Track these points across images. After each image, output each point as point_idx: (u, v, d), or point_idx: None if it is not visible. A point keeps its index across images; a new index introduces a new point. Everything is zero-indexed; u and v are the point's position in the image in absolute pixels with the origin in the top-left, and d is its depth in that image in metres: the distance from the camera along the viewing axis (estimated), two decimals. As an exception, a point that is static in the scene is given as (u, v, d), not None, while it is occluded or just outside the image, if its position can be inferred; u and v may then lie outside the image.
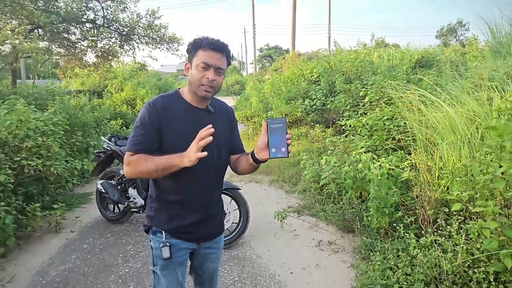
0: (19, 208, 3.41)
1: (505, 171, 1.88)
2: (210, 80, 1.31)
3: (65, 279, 2.71)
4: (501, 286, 1.87)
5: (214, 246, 1.61)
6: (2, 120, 3.59)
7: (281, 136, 1.25)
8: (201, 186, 1.44)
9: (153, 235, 1.47)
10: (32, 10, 7.45)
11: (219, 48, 1.34)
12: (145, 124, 1.33)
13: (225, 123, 1.53)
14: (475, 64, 5.17)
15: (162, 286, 1.47)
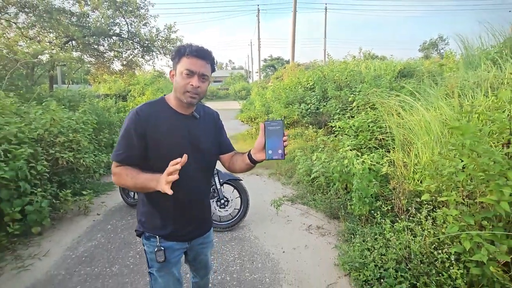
0: (54, 194, 3.49)
1: (466, 165, 1.91)
2: (194, 87, 1.20)
3: (91, 254, 2.78)
4: (461, 265, 1.89)
5: (206, 241, 1.54)
6: (38, 119, 3.67)
7: (278, 139, 1.16)
8: (191, 188, 1.33)
9: (147, 240, 1.36)
10: (67, 25, 7.55)
11: (202, 55, 1.23)
12: (129, 133, 1.21)
13: (211, 127, 1.42)
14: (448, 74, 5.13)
15: (160, 285, 1.39)
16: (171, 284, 1.39)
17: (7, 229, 2.84)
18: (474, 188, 2.00)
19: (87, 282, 2.36)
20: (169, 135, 1.25)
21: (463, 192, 1.95)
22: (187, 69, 1.19)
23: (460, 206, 1.89)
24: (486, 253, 1.67)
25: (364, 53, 9.46)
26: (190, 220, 1.39)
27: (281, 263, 2.58)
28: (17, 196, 2.96)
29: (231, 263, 2.60)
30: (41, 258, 2.71)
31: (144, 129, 1.21)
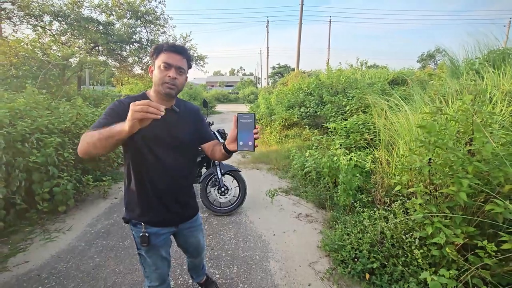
0: (78, 179, 3.68)
1: (433, 160, 1.99)
2: (172, 78, 1.19)
3: (108, 230, 2.94)
4: (425, 248, 1.97)
5: (193, 225, 1.52)
6: (66, 113, 3.87)
7: (249, 131, 1.12)
8: (170, 177, 1.31)
9: (134, 226, 1.35)
10: (94, 32, 7.82)
11: (178, 50, 1.22)
12: (111, 114, 1.16)
13: (191, 120, 1.39)
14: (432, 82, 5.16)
15: (148, 264, 1.39)
16: (158, 263, 1.40)
17: (37, 207, 3.05)
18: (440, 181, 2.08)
19: (103, 252, 2.52)
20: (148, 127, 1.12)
21: (430, 184, 2.04)
22: (164, 62, 1.19)
23: (425, 196, 1.97)
24: (444, 236, 1.76)
25: (361, 62, 9.48)
26: (172, 207, 1.36)
27: (271, 244, 2.69)
28: (47, 179, 3.16)
29: (227, 242, 2.72)
30: (65, 232, 2.89)
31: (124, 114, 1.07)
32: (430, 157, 1.90)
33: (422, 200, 1.93)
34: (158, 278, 1.44)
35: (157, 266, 1.41)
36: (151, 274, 1.43)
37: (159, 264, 1.41)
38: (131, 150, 1.24)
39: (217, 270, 2.28)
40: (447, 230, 1.74)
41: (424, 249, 1.98)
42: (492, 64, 4.65)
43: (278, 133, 7.37)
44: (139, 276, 2.18)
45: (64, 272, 2.24)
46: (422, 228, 2.10)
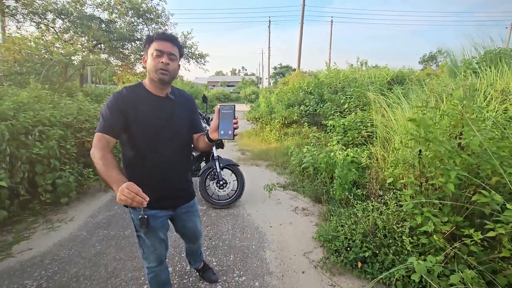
0: (79, 172, 3.76)
1: (423, 153, 2.06)
2: (164, 63, 1.23)
3: (108, 221, 3.02)
4: (415, 237, 2.04)
5: (190, 209, 1.57)
6: (67, 108, 3.96)
7: (229, 121, 1.18)
8: (167, 163, 1.36)
9: (133, 209, 1.39)
10: (96, 30, 7.92)
11: (168, 38, 1.27)
12: (111, 107, 1.22)
13: (186, 108, 1.43)
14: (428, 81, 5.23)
15: (147, 245, 1.45)
16: (157, 244, 1.46)
17: (40, 198, 3.13)
18: (432, 174, 2.15)
19: (104, 241, 2.60)
20: (147, 115, 1.27)
21: (420, 176, 2.10)
22: (156, 50, 1.24)
23: (415, 187, 2.04)
24: (432, 225, 1.83)
25: (361, 62, 9.55)
26: (169, 191, 1.42)
27: (267, 235, 2.77)
28: (49, 171, 3.24)
29: (225, 232, 2.80)
30: (67, 222, 2.97)
31: (125, 107, 1.23)
32: (420, 149, 1.97)
33: (412, 191, 2.00)
34: (156, 259, 1.51)
35: (155, 247, 1.47)
36: (149, 255, 1.50)
37: (157, 246, 1.47)
38: (129, 136, 1.28)
39: (214, 258, 2.35)
40: (435, 218, 1.81)
41: (414, 238, 2.05)
42: (488, 64, 4.71)
43: (278, 131, 7.44)
44: (139, 262, 2.26)
45: (66, 258, 2.32)
46: (413, 218, 2.17)
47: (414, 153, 1.99)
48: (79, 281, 2.04)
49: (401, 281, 1.91)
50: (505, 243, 1.60)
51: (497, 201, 1.64)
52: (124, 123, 1.23)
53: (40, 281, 2.03)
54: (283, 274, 2.16)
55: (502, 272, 1.64)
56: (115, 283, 2.02)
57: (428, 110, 2.12)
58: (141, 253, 1.52)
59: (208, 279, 2.04)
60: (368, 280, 2.06)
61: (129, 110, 1.24)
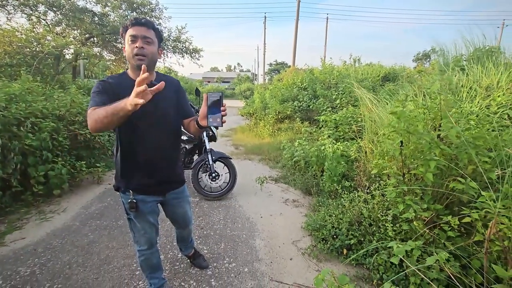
0: (72, 165, 3.77)
1: (405, 144, 2.15)
2: (139, 47, 1.21)
3: (101, 212, 3.06)
4: (398, 225, 2.14)
5: (180, 196, 1.60)
6: (60, 100, 3.96)
7: (217, 109, 1.20)
8: (159, 148, 1.39)
9: (123, 193, 1.43)
10: (89, 23, 7.83)
11: (142, 22, 1.25)
12: (101, 91, 1.23)
13: (172, 93, 1.43)
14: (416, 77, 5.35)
15: (138, 228, 1.49)
16: (147, 227, 1.50)
17: (33, 190, 3.14)
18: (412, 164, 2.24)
19: (97, 231, 2.65)
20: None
21: (403, 166, 2.19)
22: (130, 35, 1.23)
23: (397, 177, 2.13)
24: (413, 212, 1.92)
25: (354, 59, 9.65)
26: (158, 176, 1.43)
27: (258, 225, 2.84)
28: (41, 163, 3.25)
29: (216, 223, 2.86)
30: (59, 213, 3.00)
31: (113, 92, 1.23)
32: (401, 140, 2.06)
33: (395, 180, 2.09)
34: (146, 242, 1.56)
35: (145, 230, 1.51)
36: (140, 238, 1.54)
37: (147, 229, 1.51)
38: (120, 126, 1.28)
39: (205, 247, 2.42)
40: (416, 206, 1.90)
41: (397, 225, 2.14)
42: (476, 61, 4.83)
43: (271, 126, 7.51)
44: (131, 250, 2.31)
45: (59, 247, 2.36)
46: (396, 207, 2.27)
47: (396, 145, 2.08)
48: (72, 268, 2.09)
49: (383, 265, 2.01)
50: (479, 228, 1.69)
51: (473, 188, 1.74)
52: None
53: (33, 268, 2.07)
54: (272, 261, 2.24)
55: (475, 255, 1.74)
56: (107, 269, 2.08)
57: (409, 104, 2.20)
58: (132, 236, 1.57)
59: (198, 265, 2.10)
60: (353, 265, 2.15)
61: (115, 96, 1.20)
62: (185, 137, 3.58)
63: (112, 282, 1.94)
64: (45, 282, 1.92)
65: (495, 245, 1.55)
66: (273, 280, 2.01)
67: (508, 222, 1.49)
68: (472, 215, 1.66)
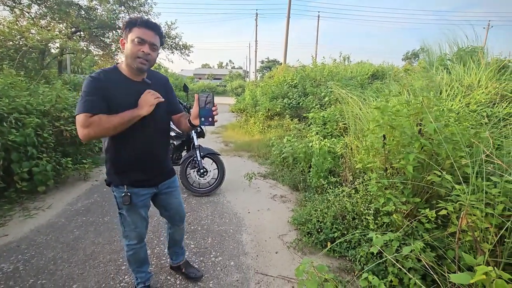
0: (57, 161, 3.71)
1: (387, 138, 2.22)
2: (145, 53, 1.23)
3: (88, 208, 3.04)
4: (379, 218, 2.21)
5: (172, 185, 1.62)
6: (45, 95, 3.88)
7: (209, 109, 1.24)
8: (147, 144, 1.41)
9: (116, 187, 1.43)
10: (75, 17, 7.65)
11: (152, 26, 1.25)
12: (93, 91, 1.21)
13: (162, 90, 1.43)
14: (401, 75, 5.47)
15: (128, 223, 1.49)
16: (138, 221, 1.51)
17: (16, 186, 3.09)
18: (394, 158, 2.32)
19: (83, 227, 2.63)
20: (124, 100, 1.27)
21: (385, 161, 2.27)
22: (138, 37, 1.22)
23: (379, 171, 2.20)
24: (393, 205, 2.00)
25: (344, 57, 9.77)
26: (150, 170, 1.47)
27: (245, 220, 2.88)
28: (26, 159, 3.19)
29: (204, 218, 2.89)
30: (44, 210, 2.96)
31: (104, 90, 1.24)
32: (384, 134, 2.12)
33: (377, 175, 2.16)
34: (136, 237, 1.56)
35: (136, 225, 1.52)
36: (130, 233, 1.54)
37: (138, 223, 1.52)
38: None
39: (192, 241, 2.44)
40: (395, 199, 1.97)
41: (379, 219, 2.22)
42: (459, 61, 4.98)
43: (261, 123, 7.55)
44: (117, 246, 2.31)
45: (43, 243, 2.34)
46: (377, 200, 2.35)
47: (379, 138, 2.14)
48: (57, 263, 2.08)
49: (364, 257, 2.08)
50: (453, 220, 1.78)
51: (449, 181, 1.82)
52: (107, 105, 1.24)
53: (17, 264, 2.05)
54: (258, 255, 2.28)
55: (450, 246, 1.83)
56: (93, 264, 2.07)
57: (392, 99, 2.27)
58: (122, 231, 1.56)
59: (191, 275, 1.92)
60: (336, 258, 2.22)
61: (107, 93, 1.24)
62: (173, 133, 3.58)
63: (98, 277, 1.94)
64: (29, 278, 1.91)
65: (467, 235, 1.63)
66: (258, 272, 2.05)
67: (479, 214, 1.57)
68: (448, 208, 1.74)
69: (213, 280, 1.96)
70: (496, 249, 1.59)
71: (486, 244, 1.52)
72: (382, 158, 2.28)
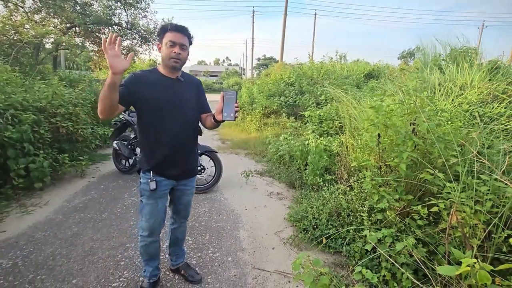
0: (54, 158, 3.71)
1: (382, 138, 2.27)
2: (176, 53, 1.44)
3: (85, 205, 3.05)
4: (373, 215, 2.26)
5: (189, 184, 1.74)
6: (41, 92, 3.85)
7: (231, 105, 1.38)
8: (177, 137, 1.55)
9: (143, 173, 1.59)
10: (70, 12, 7.56)
11: (181, 29, 1.46)
12: (124, 84, 1.43)
13: (193, 90, 1.64)
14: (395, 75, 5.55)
15: (146, 210, 1.60)
16: (153, 211, 1.60)
17: (13, 183, 3.08)
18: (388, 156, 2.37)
19: (80, 223, 2.64)
20: (159, 92, 1.48)
21: (380, 159, 2.32)
22: (170, 41, 1.44)
23: (373, 169, 2.26)
24: (386, 202, 2.05)
25: (340, 56, 9.82)
26: (177, 163, 1.60)
27: (242, 216, 2.92)
28: (22, 155, 3.18)
29: (202, 215, 2.92)
30: (42, 207, 2.96)
31: (135, 87, 1.44)
32: (378, 133, 2.18)
33: (371, 173, 2.21)
34: (148, 229, 1.63)
35: (151, 215, 1.60)
36: (143, 223, 1.63)
37: (153, 214, 1.60)
38: (144, 112, 1.49)
39: (190, 237, 2.47)
40: (389, 196, 2.03)
41: (373, 216, 2.27)
42: (453, 61, 5.07)
43: (258, 121, 7.58)
44: (116, 242, 2.34)
45: (42, 239, 2.35)
46: (372, 198, 2.40)
47: (373, 137, 2.19)
48: (56, 259, 2.09)
49: (358, 253, 2.13)
50: (444, 217, 1.84)
51: (441, 179, 1.87)
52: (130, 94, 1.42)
53: (16, 260, 2.06)
54: (255, 250, 2.32)
55: (441, 242, 1.89)
56: (92, 260, 2.10)
57: (386, 99, 2.32)
58: (140, 220, 1.66)
59: (191, 278, 1.92)
60: (331, 253, 2.27)
61: (141, 89, 1.44)
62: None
63: (97, 272, 1.97)
64: (28, 273, 1.92)
65: (457, 231, 1.69)
66: (255, 268, 2.10)
67: (468, 211, 1.63)
68: (439, 205, 1.80)
69: (211, 275, 2.00)
70: (484, 245, 1.65)
71: (475, 240, 1.58)
72: (376, 156, 2.33)
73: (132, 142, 3.99)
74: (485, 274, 0.92)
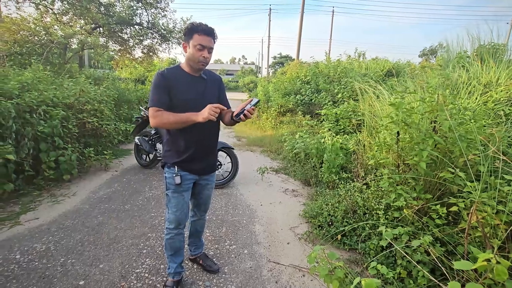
0: (80, 152, 3.93)
1: (401, 134, 2.24)
2: (205, 58, 1.49)
3: (109, 196, 3.21)
4: (389, 212, 2.25)
5: (210, 179, 1.81)
6: (69, 89, 4.08)
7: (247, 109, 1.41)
8: (201, 133, 1.60)
9: (168, 168, 1.64)
10: (95, 13, 7.88)
11: (210, 33, 1.48)
12: (159, 87, 1.49)
13: (215, 87, 1.68)
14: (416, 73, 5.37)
15: (172, 204, 1.66)
16: (179, 204, 1.66)
17: (44, 174, 3.30)
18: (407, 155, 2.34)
19: (105, 213, 2.80)
20: (185, 91, 1.54)
21: (398, 157, 2.30)
22: (200, 44, 1.46)
23: (391, 167, 2.24)
24: (403, 200, 2.04)
25: (359, 53, 9.62)
26: (200, 159, 1.67)
27: (258, 212, 2.98)
28: (52, 149, 3.40)
29: (218, 209, 3.00)
30: (70, 197, 3.16)
31: (168, 85, 1.50)
32: (398, 130, 2.15)
33: (388, 171, 2.19)
34: (174, 221, 1.68)
35: (177, 207, 1.66)
36: (170, 216, 1.69)
37: (179, 206, 1.66)
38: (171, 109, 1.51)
39: (208, 230, 2.56)
40: (406, 195, 2.01)
41: (389, 214, 2.26)
42: (478, 58, 4.85)
43: (274, 119, 7.60)
44: (138, 232, 2.46)
45: (71, 227, 2.52)
46: (389, 196, 2.38)
47: (393, 134, 2.17)
48: (84, 245, 2.24)
49: (374, 250, 2.13)
50: (464, 216, 1.80)
51: (462, 178, 1.84)
52: (169, 97, 1.50)
53: (48, 245, 2.22)
54: (270, 244, 2.37)
55: (460, 242, 1.86)
56: (117, 247, 2.23)
57: (407, 97, 2.28)
58: (166, 213, 1.73)
59: (209, 268, 2.01)
60: (346, 250, 2.28)
61: (170, 87, 1.49)
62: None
63: (121, 258, 2.09)
64: (60, 257, 2.07)
65: (477, 231, 1.66)
66: (271, 261, 2.15)
67: (490, 210, 1.59)
68: (458, 204, 1.76)
69: (228, 266, 2.07)
70: (506, 246, 1.61)
71: (496, 240, 1.54)
72: (394, 154, 2.31)
73: (152, 138, 4.14)
74: (502, 269, 0.91)
